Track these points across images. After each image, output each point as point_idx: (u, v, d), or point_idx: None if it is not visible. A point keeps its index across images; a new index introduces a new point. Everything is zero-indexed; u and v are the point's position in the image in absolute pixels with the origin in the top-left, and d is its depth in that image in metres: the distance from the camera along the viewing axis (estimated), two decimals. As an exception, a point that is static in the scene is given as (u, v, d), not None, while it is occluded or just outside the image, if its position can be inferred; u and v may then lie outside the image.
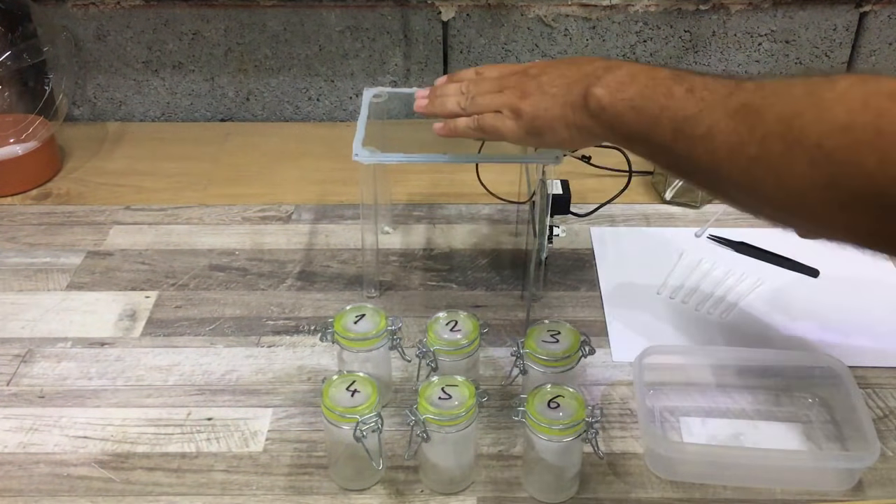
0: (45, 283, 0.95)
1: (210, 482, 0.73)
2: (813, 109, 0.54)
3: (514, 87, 0.74)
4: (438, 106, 0.79)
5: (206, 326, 0.89)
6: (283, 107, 1.27)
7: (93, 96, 1.26)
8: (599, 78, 0.68)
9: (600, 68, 0.69)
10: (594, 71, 0.69)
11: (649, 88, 0.65)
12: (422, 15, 1.18)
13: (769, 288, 0.94)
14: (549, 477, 0.71)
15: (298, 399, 0.81)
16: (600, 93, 0.67)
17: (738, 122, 0.58)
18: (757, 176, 0.57)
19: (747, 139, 0.57)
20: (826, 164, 0.53)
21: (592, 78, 0.68)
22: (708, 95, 0.61)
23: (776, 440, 0.76)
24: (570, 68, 0.72)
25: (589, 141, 0.73)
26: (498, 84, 0.76)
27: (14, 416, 0.79)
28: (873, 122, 0.51)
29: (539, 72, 0.74)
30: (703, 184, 0.66)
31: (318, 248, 1.01)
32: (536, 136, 0.73)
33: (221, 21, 1.19)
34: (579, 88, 0.69)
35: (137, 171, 1.15)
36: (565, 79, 0.71)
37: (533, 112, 0.72)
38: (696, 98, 0.61)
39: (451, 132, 0.78)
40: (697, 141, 0.60)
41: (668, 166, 0.68)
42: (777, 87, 0.58)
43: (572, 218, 1.01)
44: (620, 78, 0.67)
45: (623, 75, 0.67)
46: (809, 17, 1.18)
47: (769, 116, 0.56)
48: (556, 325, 0.76)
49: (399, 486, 0.73)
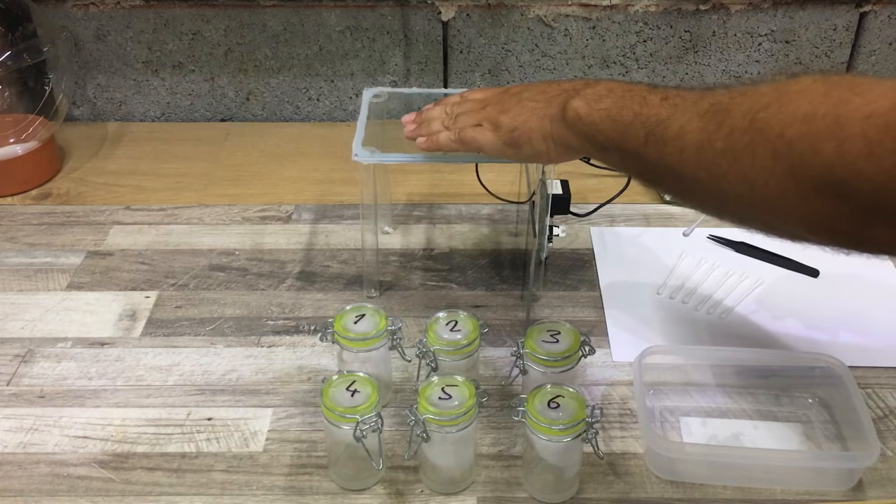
0: (45, 283, 0.95)
1: (210, 482, 0.73)
2: (777, 103, 0.55)
3: (496, 103, 0.78)
4: (424, 128, 0.82)
5: (206, 326, 0.89)
6: (283, 107, 1.27)
7: (93, 96, 1.26)
8: (578, 91, 0.71)
9: (580, 84, 0.72)
10: (574, 87, 0.73)
11: (625, 98, 0.67)
12: (422, 15, 1.18)
13: (769, 288, 0.94)
14: (549, 477, 0.71)
15: (298, 399, 0.81)
16: (578, 104, 0.70)
17: (706, 120, 0.59)
18: (722, 169, 0.58)
19: (714, 135, 0.58)
20: (787, 154, 0.53)
21: (572, 92, 0.72)
22: (680, 101, 0.63)
23: (776, 440, 0.76)
24: (550, 86, 0.76)
25: (564, 154, 0.74)
26: (481, 103, 0.79)
27: (14, 416, 0.79)
28: (833, 112, 0.51)
29: (520, 90, 0.77)
30: (671, 186, 0.68)
31: (318, 248, 1.01)
32: (514, 147, 0.75)
33: (221, 21, 1.19)
34: (558, 101, 0.72)
35: (137, 171, 1.15)
36: (545, 94, 0.74)
37: (511, 124, 0.75)
38: (669, 104, 0.64)
39: (432, 144, 0.80)
40: (668, 142, 0.62)
41: (638, 173, 0.70)
42: (746, 89, 0.59)
43: (572, 218, 1.01)
44: (598, 91, 0.70)
45: (601, 89, 0.70)
46: (809, 17, 1.18)
47: (736, 113, 0.58)
48: (556, 325, 0.76)
49: (399, 486, 0.73)
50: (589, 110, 0.69)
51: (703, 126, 0.59)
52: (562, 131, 0.71)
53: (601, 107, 0.68)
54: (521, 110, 0.75)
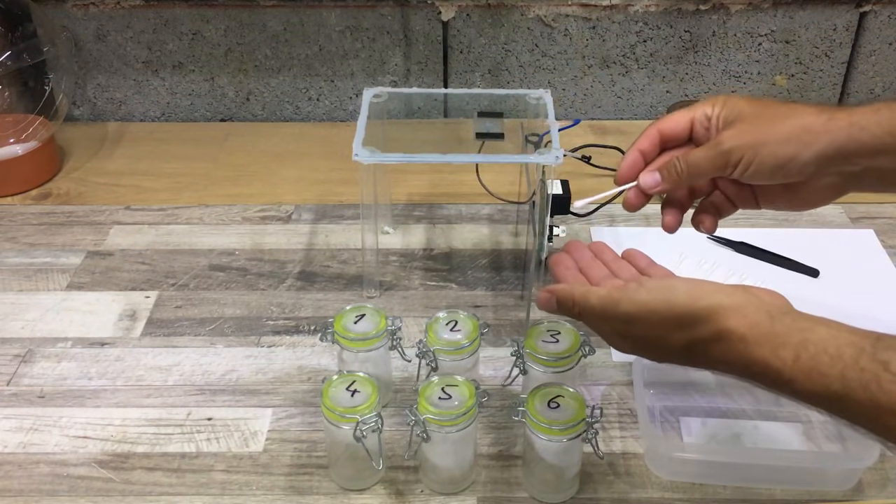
0: (45, 283, 0.95)
1: (210, 482, 0.73)
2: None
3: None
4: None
5: (206, 326, 0.89)
6: (283, 107, 1.27)
7: (93, 96, 1.26)
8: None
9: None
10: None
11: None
12: (422, 15, 1.18)
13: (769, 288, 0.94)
14: (549, 477, 0.71)
15: (298, 399, 0.81)
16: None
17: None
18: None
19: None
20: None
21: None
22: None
23: (776, 440, 0.76)
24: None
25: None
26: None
27: (14, 416, 0.79)
28: None
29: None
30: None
31: (318, 248, 1.01)
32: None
33: (221, 21, 1.19)
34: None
35: (137, 171, 1.15)
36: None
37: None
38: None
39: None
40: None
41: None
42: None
43: (572, 218, 1.01)
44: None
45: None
46: (809, 17, 1.18)
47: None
48: (556, 325, 0.76)
49: (399, 486, 0.73)
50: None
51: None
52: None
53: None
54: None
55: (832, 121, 0.63)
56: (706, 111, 0.68)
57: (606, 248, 0.72)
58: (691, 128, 0.69)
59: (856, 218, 1.04)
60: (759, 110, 0.66)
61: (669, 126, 0.70)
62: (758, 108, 0.66)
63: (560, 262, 0.71)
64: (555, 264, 0.71)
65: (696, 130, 0.69)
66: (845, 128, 0.63)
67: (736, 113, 0.67)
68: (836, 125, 0.63)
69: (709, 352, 0.57)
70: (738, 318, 0.56)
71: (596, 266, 0.70)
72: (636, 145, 0.70)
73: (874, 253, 0.99)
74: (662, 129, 0.70)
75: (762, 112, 0.66)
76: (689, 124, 0.69)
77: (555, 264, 0.71)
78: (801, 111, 0.65)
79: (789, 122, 0.64)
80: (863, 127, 0.62)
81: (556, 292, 0.65)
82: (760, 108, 0.66)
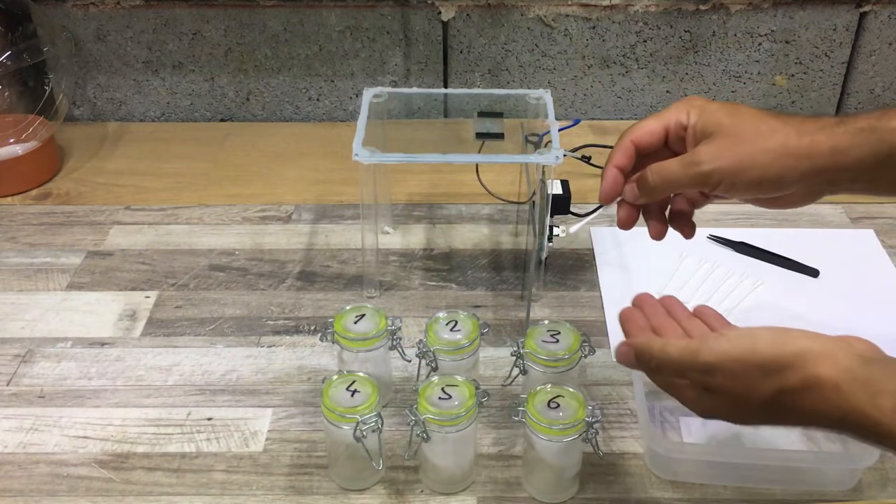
0: (45, 283, 0.95)
1: (210, 482, 0.73)
2: None
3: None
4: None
5: (206, 326, 0.89)
6: (283, 107, 1.27)
7: (93, 96, 1.26)
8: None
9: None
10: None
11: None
12: (422, 15, 1.18)
13: (769, 288, 0.94)
14: (549, 477, 0.71)
15: (298, 399, 0.81)
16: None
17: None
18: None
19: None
20: None
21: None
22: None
23: (776, 440, 0.76)
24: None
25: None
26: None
27: (14, 416, 0.79)
28: None
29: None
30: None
31: (318, 248, 1.01)
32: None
33: (221, 21, 1.19)
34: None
35: (137, 171, 1.15)
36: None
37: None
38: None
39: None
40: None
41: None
42: None
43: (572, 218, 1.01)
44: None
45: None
46: (809, 17, 1.18)
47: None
48: (556, 325, 0.76)
49: (399, 486, 0.73)
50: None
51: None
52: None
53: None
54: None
55: (814, 145, 0.61)
56: (680, 119, 0.66)
57: (678, 303, 0.69)
58: (665, 135, 0.67)
59: (856, 218, 1.05)
60: (737, 125, 0.63)
61: (643, 136, 0.67)
62: (736, 122, 0.64)
63: (632, 319, 0.67)
64: (626, 321, 0.67)
65: (671, 138, 0.67)
66: (827, 153, 0.61)
67: (714, 125, 0.64)
68: (818, 149, 0.61)
69: (799, 403, 0.53)
70: (828, 364, 0.52)
71: (670, 326, 0.66)
72: (612, 161, 0.68)
73: (874, 253, 0.99)
74: (636, 141, 0.67)
75: (741, 128, 0.63)
76: (663, 133, 0.67)
77: (626, 321, 0.67)
78: (781, 129, 0.63)
79: (770, 143, 0.62)
80: (844, 151, 0.61)
81: (635, 345, 0.62)
82: (739, 123, 0.64)
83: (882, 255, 0.99)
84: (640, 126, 0.68)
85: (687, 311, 0.68)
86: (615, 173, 0.68)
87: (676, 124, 0.66)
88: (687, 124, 0.65)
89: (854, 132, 0.61)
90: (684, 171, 0.64)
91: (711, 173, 0.63)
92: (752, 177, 0.63)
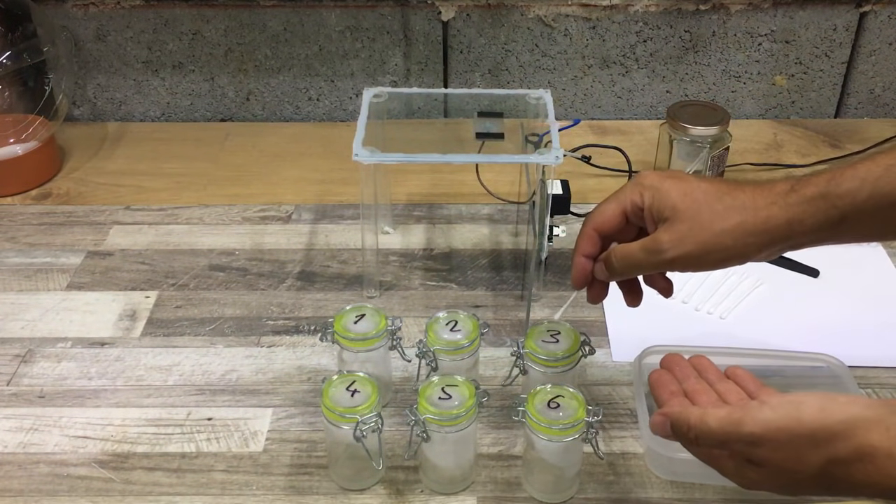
0: (45, 283, 0.95)
1: (210, 482, 0.73)
2: None
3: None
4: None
5: (206, 326, 0.89)
6: (283, 107, 1.27)
7: (93, 96, 1.26)
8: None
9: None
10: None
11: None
12: (422, 15, 1.18)
13: (769, 288, 0.94)
14: (549, 477, 0.71)
15: (298, 399, 0.81)
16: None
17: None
18: None
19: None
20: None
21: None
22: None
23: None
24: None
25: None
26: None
27: (14, 416, 0.79)
28: None
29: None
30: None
31: (318, 248, 1.01)
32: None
33: (221, 21, 1.19)
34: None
35: (137, 171, 1.15)
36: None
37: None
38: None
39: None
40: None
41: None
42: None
43: (572, 218, 1.01)
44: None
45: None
46: (809, 17, 1.18)
47: None
48: (556, 325, 0.76)
49: (399, 486, 0.73)
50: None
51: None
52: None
53: None
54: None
55: (770, 219, 0.61)
56: (635, 201, 0.66)
57: (709, 364, 0.68)
58: (625, 217, 0.67)
59: (856, 218, 1.04)
60: (692, 208, 0.63)
61: (603, 223, 0.68)
62: (690, 205, 0.63)
63: (662, 384, 0.66)
64: (657, 386, 0.66)
65: (630, 217, 0.67)
66: (784, 225, 0.61)
67: (669, 209, 0.64)
68: (774, 223, 0.61)
69: (851, 474, 0.51)
70: (880, 431, 0.50)
71: (702, 390, 0.65)
72: (579, 250, 0.69)
73: (874, 253, 0.99)
74: (598, 228, 0.68)
75: (697, 211, 0.63)
76: (622, 217, 0.67)
77: (657, 386, 0.66)
78: (737, 208, 0.62)
79: (728, 223, 0.62)
80: (800, 221, 0.61)
81: (671, 416, 0.60)
82: (693, 205, 0.63)
83: (882, 255, 0.99)
84: (599, 212, 0.68)
85: (719, 372, 0.67)
86: (583, 262, 0.69)
87: (633, 206, 0.66)
88: (643, 206, 0.66)
89: (806, 201, 0.61)
90: (647, 258, 0.65)
91: (674, 260, 0.64)
92: (716, 258, 0.63)
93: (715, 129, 1.02)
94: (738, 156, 1.14)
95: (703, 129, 1.02)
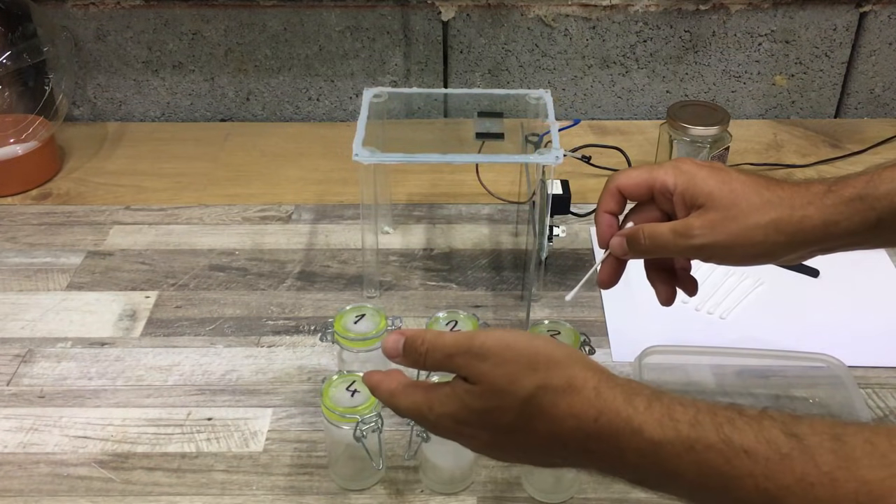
0: (45, 283, 0.95)
1: (210, 482, 0.73)
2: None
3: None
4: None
5: (206, 326, 0.89)
6: (283, 107, 1.27)
7: (93, 96, 1.26)
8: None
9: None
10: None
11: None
12: (422, 15, 1.18)
13: (769, 288, 0.94)
14: (549, 477, 0.71)
15: (298, 399, 0.81)
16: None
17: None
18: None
19: None
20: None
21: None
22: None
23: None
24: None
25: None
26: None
27: (14, 416, 0.79)
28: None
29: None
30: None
31: (318, 248, 1.01)
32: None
33: (221, 21, 1.19)
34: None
35: (137, 171, 1.15)
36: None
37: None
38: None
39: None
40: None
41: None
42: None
43: (572, 218, 1.01)
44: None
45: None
46: (809, 17, 1.18)
47: None
48: (556, 325, 0.76)
49: (399, 486, 0.73)
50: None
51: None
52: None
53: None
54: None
55: (805, 220, 0.61)
56: (666, 181, 0.64)
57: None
58: (650, 192, 0.66)
59: (856, 218, 1.04)
60: (729, 197, 0.62)
61: (628, 185, 0.66)
62: (728, 194, 0.62)
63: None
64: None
65: (657, 196, 0.66)
66: (819, 226, 0.61)
67: (704, 196, 0.63)
68: (809, 224, 0.61)
69: (556, 403, 0.52)
70: (594, 371, 0.54)
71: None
72: (602, 207, 0.67)
73: (874, 253, 0.99)
74: (622, 188, 0.67)
75: (734, 201, 0.62)
76: (647, 188, 0.66)
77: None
78: (774, 204, 0.62)
79: (764, 218, 0.61)
80: (835, 223, 0.60)
81: (406, 333, 0.59)
82: (730, 195, 0.62)
83: (882, 255, 0.99)
84: (626, 174, 0.67)
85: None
86: (607, 217, 0.68)
87: (662, 186, 0.65)
88: (673, 190, 0.64)
89: (844, 203, 0.60)
90: (675, 241, 0.64)
91: (703, 247, 0.63)
92: (743, 253, 0.63)
93: (715, 129, 1.02)
94: (738, 156, 1.14)
95: (703, 129, 1.02)
